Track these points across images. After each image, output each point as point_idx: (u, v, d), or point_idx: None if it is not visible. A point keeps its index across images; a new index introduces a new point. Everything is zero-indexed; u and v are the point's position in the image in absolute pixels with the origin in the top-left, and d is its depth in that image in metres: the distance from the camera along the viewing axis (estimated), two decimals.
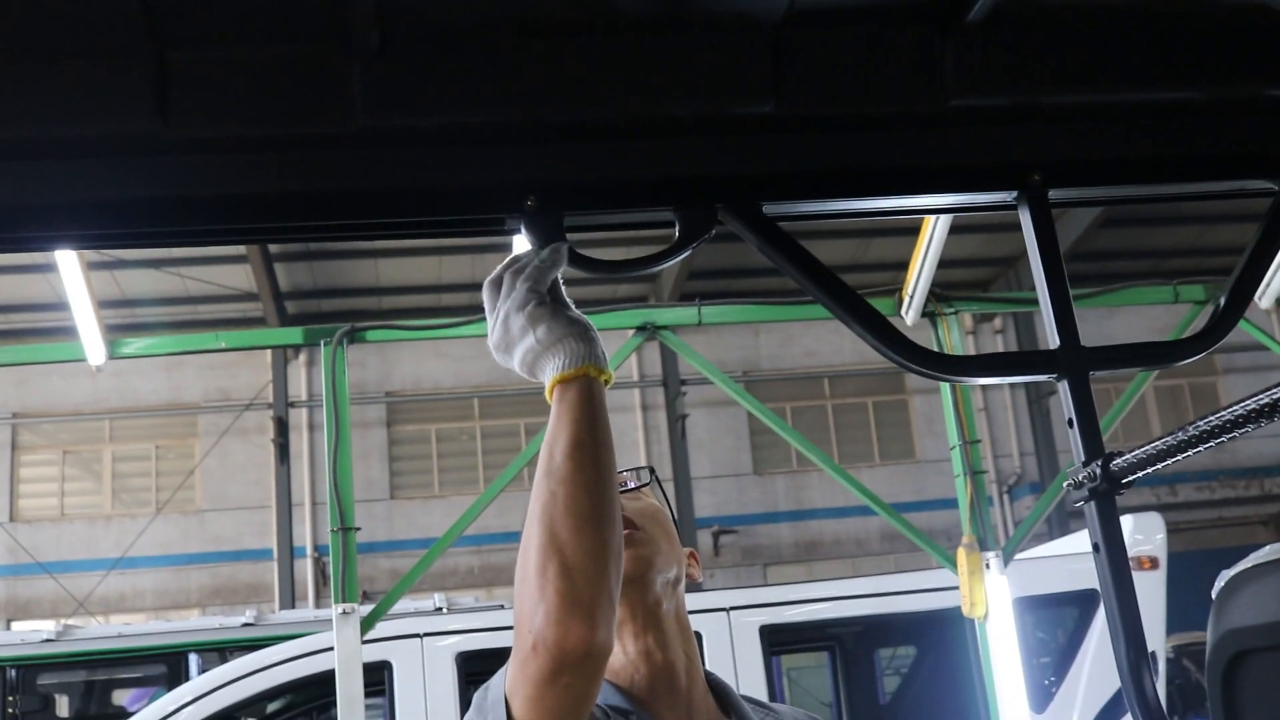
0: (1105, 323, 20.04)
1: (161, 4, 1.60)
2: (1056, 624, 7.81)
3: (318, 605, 19.23)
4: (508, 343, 1.68)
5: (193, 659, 10.47)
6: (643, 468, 2.08)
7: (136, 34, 1.63)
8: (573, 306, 1.69)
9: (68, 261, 6.18)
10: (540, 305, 1.66)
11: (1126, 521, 1.81)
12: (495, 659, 1.96)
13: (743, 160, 1.82)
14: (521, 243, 1.75)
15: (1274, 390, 1.43)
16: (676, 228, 1.80)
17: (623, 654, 1.91)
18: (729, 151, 1.82)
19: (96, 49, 1.65)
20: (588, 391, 1.65)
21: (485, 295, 1.71)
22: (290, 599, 20.23)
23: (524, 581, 1.57)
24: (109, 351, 6.54)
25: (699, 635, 6.45)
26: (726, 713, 1.96)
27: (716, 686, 2.00)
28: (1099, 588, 1.80)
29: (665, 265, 1.78)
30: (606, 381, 1.68)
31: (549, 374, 1.66)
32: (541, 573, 1.54)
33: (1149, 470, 1.68)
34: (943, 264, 6.60)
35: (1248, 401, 1.46)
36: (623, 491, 1.97)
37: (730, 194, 1.81)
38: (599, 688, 1.62)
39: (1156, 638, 6.80)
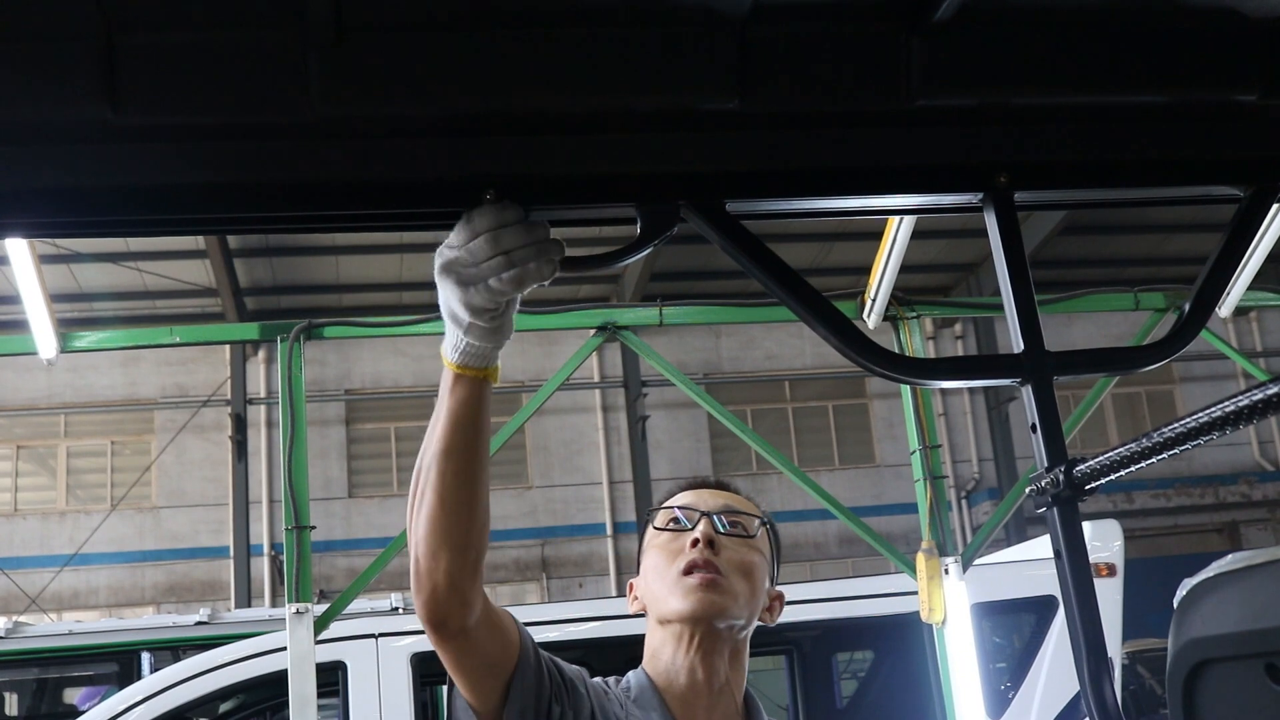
0: (1064, 331, 20.21)
1: None
2: (1014, 629, 7.82)
3: (274, 604, 19.09)
4: (473, 281, 1.64)
5: (145, 658, 10.35)
6: (761, 517, 2.18)
7: (85, 17, 1.59)
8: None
9: (19, 253, 6.09)
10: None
11: (1085, 528, 1.80)
12: None
13: (706, 157, 1.79)
14: None
15: (1238, 398, 1.42)
16: (638, 224, 1.77)
17: (670, 659, 2.06)
18: (692, 148, 1.79)
19: (42, 31, 1.60)
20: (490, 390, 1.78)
21: (488, 217, 1.65)
22: (246, 598, 20.08)
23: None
24: (61, 345, 6.45)
25: None
26: None
27: (751, 708, 2.15)
28: (1060, 594, 1.79)
29: (626, 262, 1.75)
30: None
31: (492, 361, 1.73)
32: (413, 558, 1.77)
33: (1112, 477, 1.67)
34: (904, 269, 6.60)
35: (1213, 409, 1.45)
36: (732, 535, 2.10)
37: (693, 191, 1.78)
38: (480, 655, 1.85)
39: (1113, 644, 6.82)
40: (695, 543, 2.04)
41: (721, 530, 2.08)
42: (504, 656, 1.89)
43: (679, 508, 2.14)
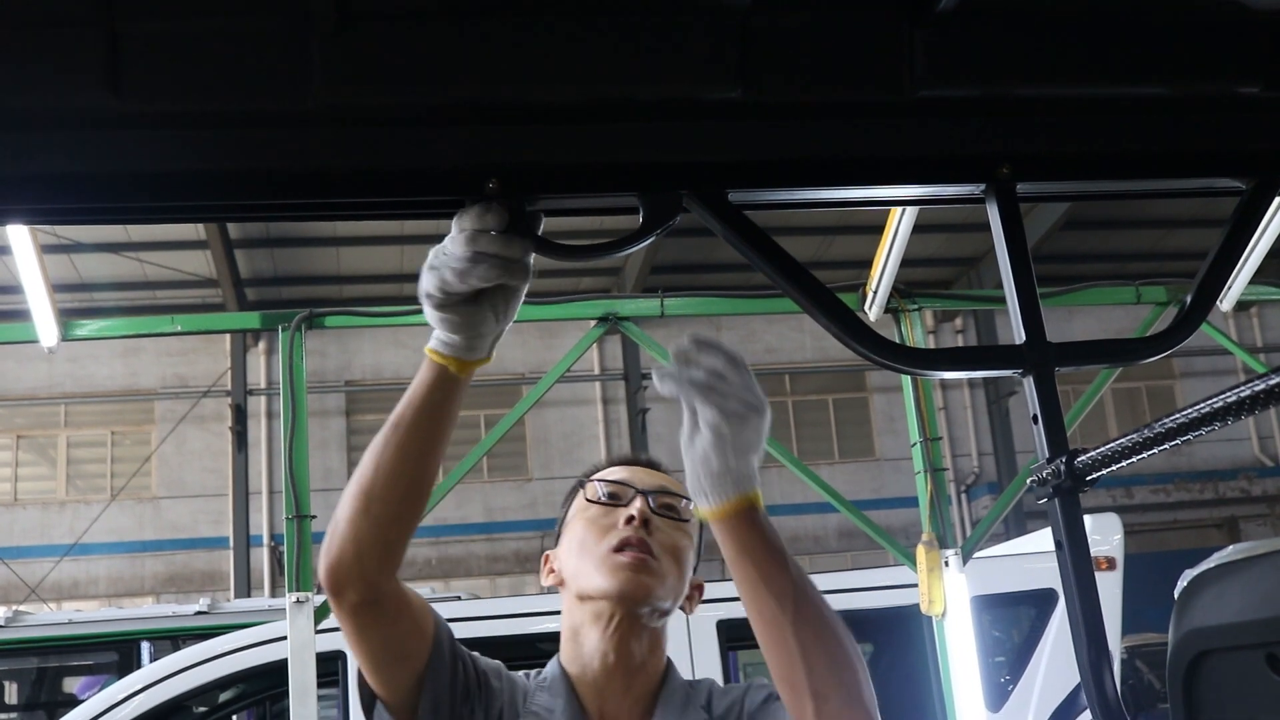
0: (1065, 326, 20.16)
1: None
2: (1013, 622, 7.82)
3: (273, 594, 19.10)
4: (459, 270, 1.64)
5: (144, 647, 10.35)
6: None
7: (87, 3, 1.59)
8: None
9: (20, 241, 6.09)
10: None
11: (1085, 522, 1.80)
12: None
13: (709, 146, 1.79)
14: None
15: (1240, 389, 1.42)
16: (640, 214, 1.77)
17: (587, 641, 2.01)
18: (695, 137, 1.79)
19: (45, 18, 1.60)
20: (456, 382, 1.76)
21: (471, 219, 1.65)
22: (246, 588, 20.08)
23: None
24: (62, 333, 6.45)
25: None
26: (652, 711, 2.03)
27: (666, 682, 2.07)
28: (1061, 585, 1.79)
29: (627, 251, 1.74)
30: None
31: (461, 353, 1.72)
32: (333, 518, 1.82)
33: (1113, 468, 1.67)
34: (905, 263, 6.58)
35: (1214, 399, 1.45)
36: (666, 516, 2.05)
37: (695, 180, 1.77)
38: (382, 639, 1.86)
39: (1113, 638, 6.81)
40: (630, 520, 1.99)
41: (655, 510, 2.03)
42: (414, 647, 1.88)
43: (613, 482, 2.09)
